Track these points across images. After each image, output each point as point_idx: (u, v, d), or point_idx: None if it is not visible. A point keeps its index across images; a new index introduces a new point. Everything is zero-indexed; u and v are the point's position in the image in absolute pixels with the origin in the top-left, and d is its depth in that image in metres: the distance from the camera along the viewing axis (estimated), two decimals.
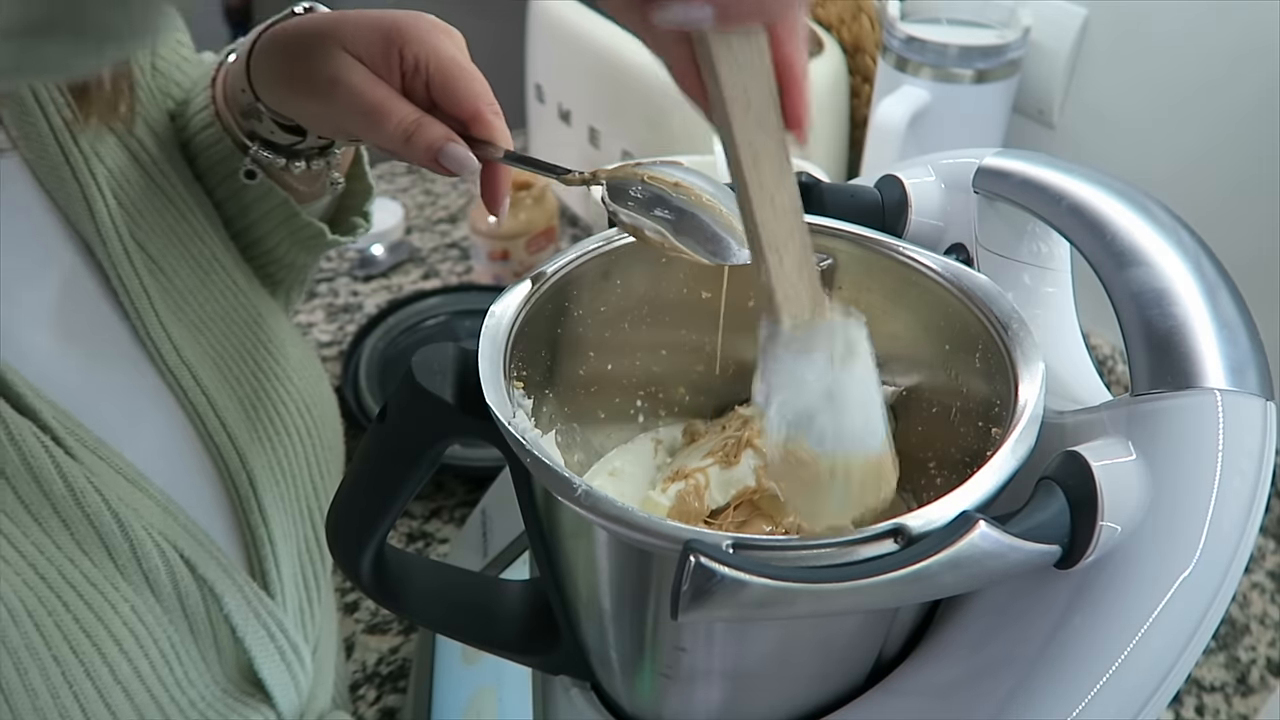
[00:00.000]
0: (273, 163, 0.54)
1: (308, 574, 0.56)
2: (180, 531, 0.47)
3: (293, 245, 0.59)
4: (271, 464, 0.54)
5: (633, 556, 0.37)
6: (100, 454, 0.45)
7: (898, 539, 0.31)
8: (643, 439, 0.51)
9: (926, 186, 0.49)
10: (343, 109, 0.45)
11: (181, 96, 0.57)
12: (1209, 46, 0.82)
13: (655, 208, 0.41)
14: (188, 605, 0.47)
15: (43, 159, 0.47)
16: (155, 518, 0.46)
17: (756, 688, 0.40)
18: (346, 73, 0.44)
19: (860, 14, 1.05)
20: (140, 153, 0.52)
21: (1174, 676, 0.34)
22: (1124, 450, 0.35)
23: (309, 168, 0.55)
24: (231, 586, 0.49)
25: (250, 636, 0.50)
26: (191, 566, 0.47)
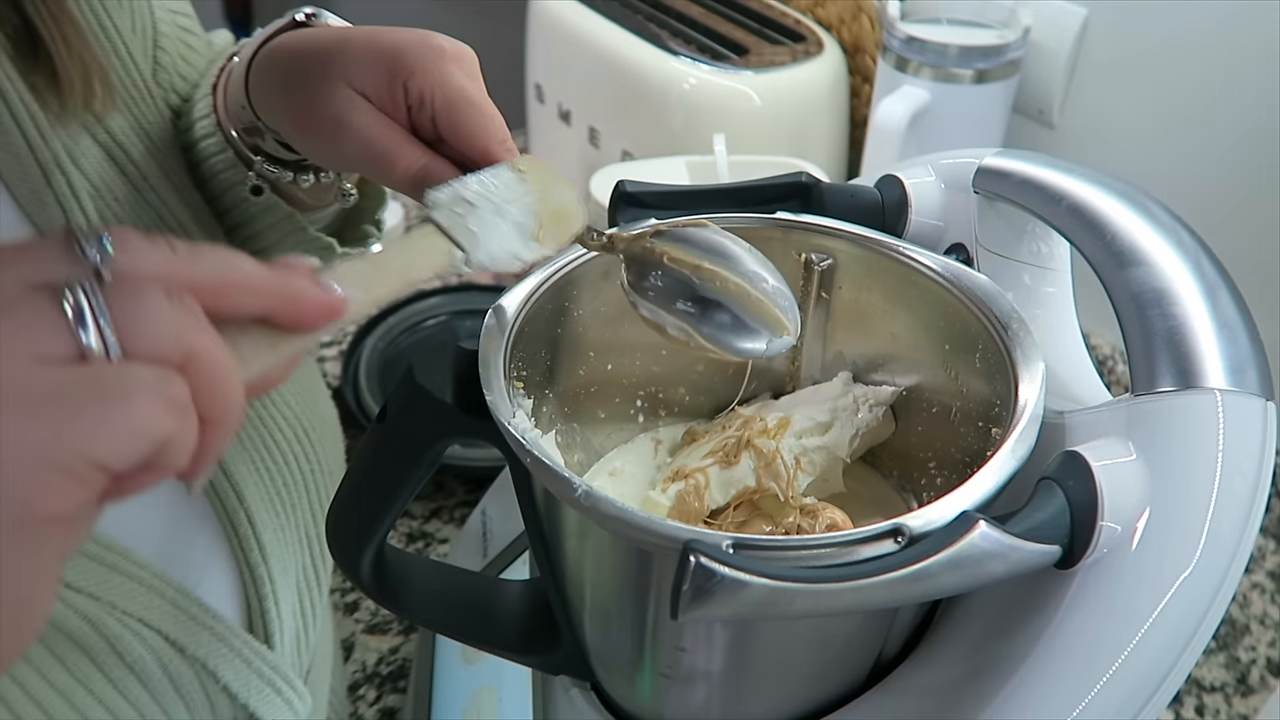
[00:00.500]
0: (279, 177, 0.52)
1: (305, 602, 0.54)
2: (166, 609, 0.45)
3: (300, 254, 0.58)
4: (270, 496, 0.52)
5: (633, 556, 0.37)
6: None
7: (898, 539, 0.31)
8: (643, 439, 0.51)
9: (926, 186, 0.49)
10: (348, 150, 0.43)
11: (187, 90, 0.55)
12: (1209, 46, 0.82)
13: (677, 299, 0.41)
14: (180, 686, 0.45)
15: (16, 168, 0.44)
16: (134, 603, 0.43)
17: (756, 687, 0.40)
18: (351, 113, 0.43)
19: (860, 14, 1.05)
20: (126, 164, 0.49)
21: (1174, 676, 0.34)
22: (1124, 450, 0.35)
23: (318, 180, 0.53)
24: (228, 655, 0.47)
25: (251, 695, 0.48)
26: (180, 648, 0.45)
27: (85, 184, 0.46)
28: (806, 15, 1.09)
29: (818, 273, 0.47)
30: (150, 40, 0.52)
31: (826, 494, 0.47)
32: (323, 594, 0.57)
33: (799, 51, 1.01)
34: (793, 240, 0.47)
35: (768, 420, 0.47)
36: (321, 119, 0.43)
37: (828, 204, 0.48)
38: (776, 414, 0.47)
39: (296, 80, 0.45)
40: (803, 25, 1.06)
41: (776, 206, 0.47)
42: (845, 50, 1.06)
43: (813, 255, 0.47)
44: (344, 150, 0.44)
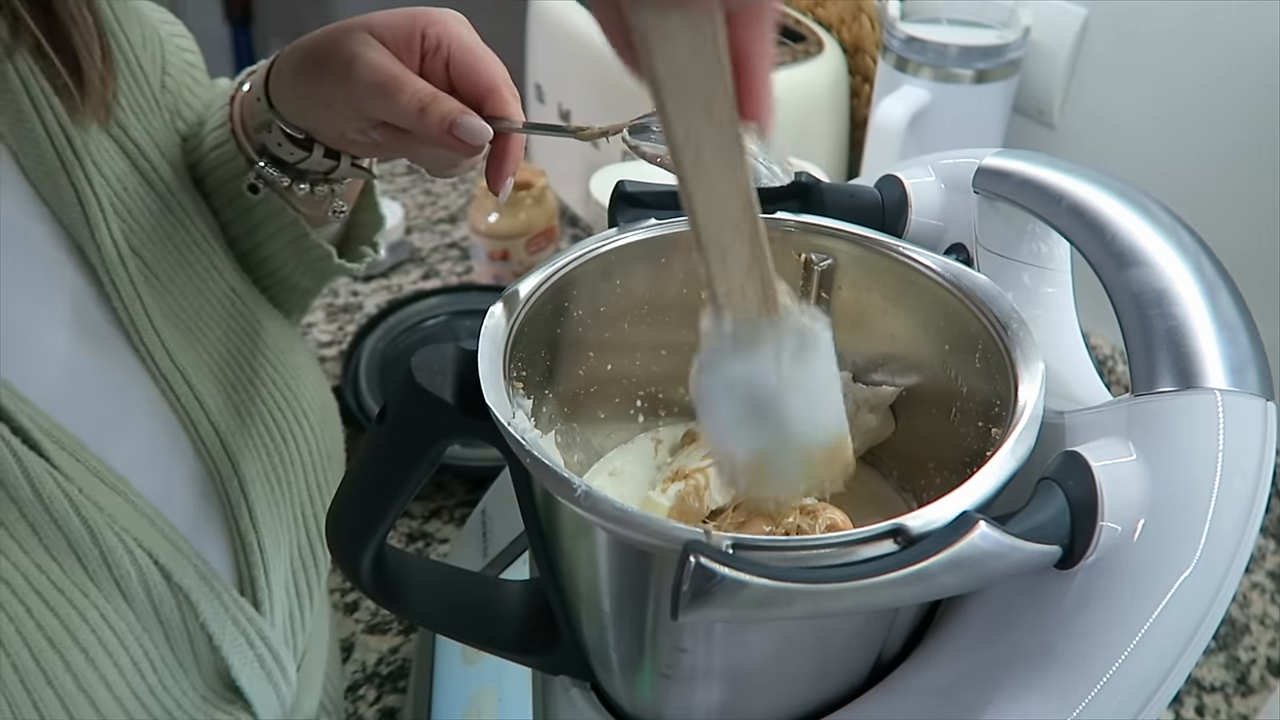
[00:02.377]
0: (277, 180, 0.54)
1: (300, 582, 0.56)
2: (158, 538, 0.47)
3: (299, 266, 0.59)
4: (266, 470, 0.53)
5: (633, 556, 0.37)
6: (79, 457, 0.45)
7: (898, 539, 0.31)
8: (643, 439, 0.51)
9: (926, 186, 0.49)
10: (359, 84, 0.45)
11: (193, 119, 0.57)
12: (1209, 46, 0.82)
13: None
14: (162, 612, 0.46)
15: (39, 164, 0.46)
16: (131, 523, 0.46)
17: (756, 688, 0.40)
18: (366, 49, 0.46)
19: (860, 14, 1.05)
20: (139, 159, 0.52)
21: (1174, 676, 0.34)
22: (1124, 450, 0.35)
23: (313, 191, 0.55)
24: (209, 594, 0.48)
25: (228, 645, 0.49)
26: (166, 574, 0.46)
27: (101, 180, 0.48)
28: (806, 15, 1.09)
29: (818, 273, 0.47)
30: (159, 59, 0.56)
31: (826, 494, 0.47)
32: (320, 580, 0.58)
33: (799, 51, 1.01)
34: (793, 240, 0.47)
35: None
36: (338, 60, 0.46)
37: (828, 204, 0.48)
38: None
39: (321, 40, 0.48)
40: (803, 25, 1.06)
41: (776, 206, 0.47)
42: (845, 50, 1.06)
43: (813, 255, 0.47)
44: (354, 86, 0.46)
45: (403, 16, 0.47)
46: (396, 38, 0.47)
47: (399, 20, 0.47)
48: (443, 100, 0.45)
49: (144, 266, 0.50)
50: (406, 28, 0.47)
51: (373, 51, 0.46)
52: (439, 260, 1.14)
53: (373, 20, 0.47)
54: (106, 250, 0.48)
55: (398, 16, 0.47)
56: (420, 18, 0.47)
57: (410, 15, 0.47)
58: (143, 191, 0.51)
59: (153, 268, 0.51)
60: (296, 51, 0.50)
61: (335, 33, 0.48)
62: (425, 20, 0.47)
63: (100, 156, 0.49)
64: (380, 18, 0.47)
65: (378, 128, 0.48)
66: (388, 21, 0.47)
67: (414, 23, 0.47)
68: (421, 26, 0.46)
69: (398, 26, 0.47)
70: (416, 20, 0.47)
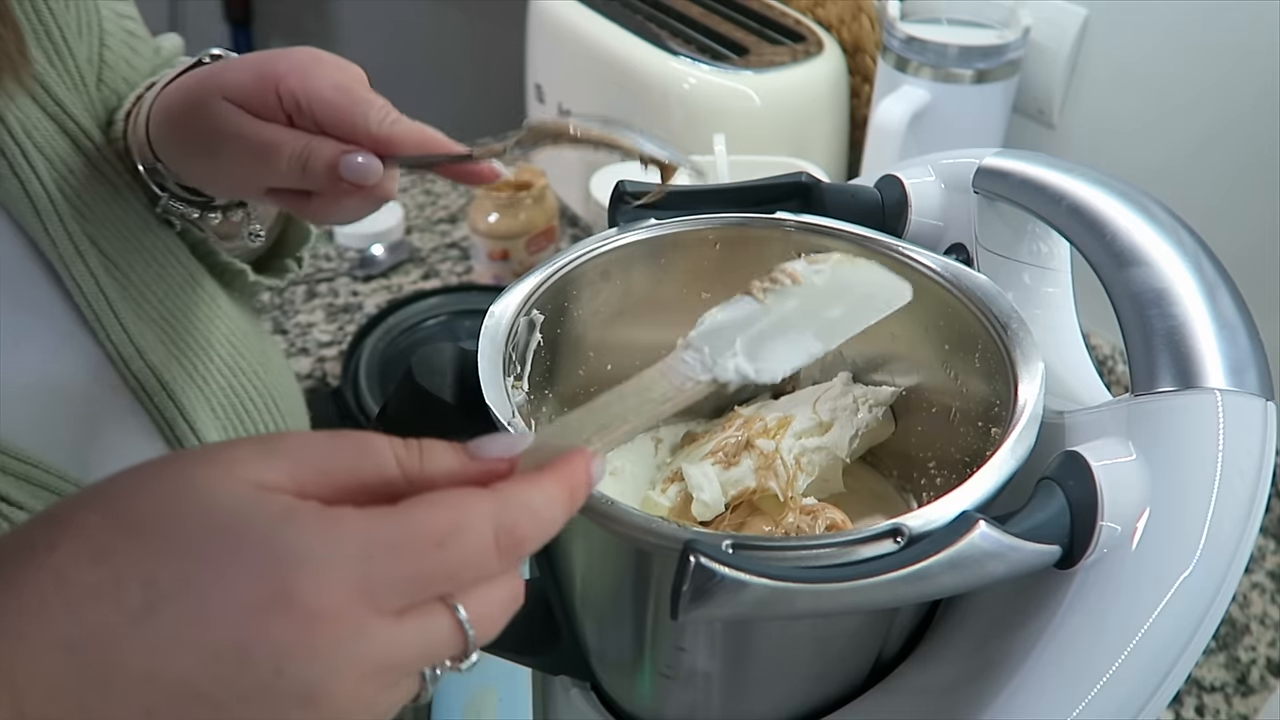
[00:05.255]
0: (185, 213, 0.51)
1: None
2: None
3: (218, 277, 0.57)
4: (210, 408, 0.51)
5: (633, 556, 0.37)
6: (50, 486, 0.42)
7: (898, 539, 0.31)
8: (642, 439, 0.51)
9: (926, 186, 0.49)
10: (233, 157, 0.43)
11: (127, 92, 0.54)
12: (1209, 46, 0.82)
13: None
14: None
15: None
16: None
17: (756, 687, 0.40)
18: (229, 120, 0.43)
19: (860, 14, 1.05)
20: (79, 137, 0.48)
21: (1174, 676, 0.34)
22: (1124, 450, 0.35)
23: (225, 217, 0.52)
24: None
25: None
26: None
27: (38, 154, 0.45)
28: (806, 15, 1.09)
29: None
30: (96, 39, 0.52)
31: (826, 494, 0.47)
32: None
33: (799, 51, 1.01)
34: (793, 240, 0.47)
35: (767, 420, 0.47)
36: (203, 135, 0.44)
37: (828, 204, 0.48)
38: (776, 414, 0.47)
39: (180, 109, 0.45)
40: (803, 25, 1.06)
41: (776, 206, 0.47)
42: (845, 50, 1.06)
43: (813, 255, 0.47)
44: (225, 157, 0.43)
45: (254, 78, 0.43)
46: (249, 98, 0.43)
47: (250, 83, 0.43)
48: (320, 148, 0.41)
49: (103, 257, 0.48)
50: (257, 86, 0.43)
51: (234, 119, 0.43)
52: (439, 260, 1.14)
53: (227, 82, 0.43)
54: (61, 243, 0.45)
55: (249, 78, 0.43)
56: (269, 73, 0.42)
57: (258, 73, 0.43)
58: (88, 173, 0.49)
59: (112, 258, 0.48)
60: (164, 122, 0.47)
61: (192, 106, 0.44)
62: (275, 76, 0.42)
63: (36, 133, 0.46)
64: (235, 79, 0.43)
65: (269, 194, 0.45)
66: (240, 84, 0.43)
67: (263, 80, 0.42)
68: (274, 84, 0.42)
69: (248, 85, 0.43)
70: (266, 77, 0.42)
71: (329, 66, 0.43)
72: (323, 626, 0.24)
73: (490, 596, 0.28)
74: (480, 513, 0.27)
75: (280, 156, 0.42)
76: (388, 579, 0.25)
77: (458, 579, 0.27)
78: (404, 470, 0.28)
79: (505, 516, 0.27)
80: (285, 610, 0.24)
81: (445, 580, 0.26)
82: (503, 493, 0.28)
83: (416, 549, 0.26)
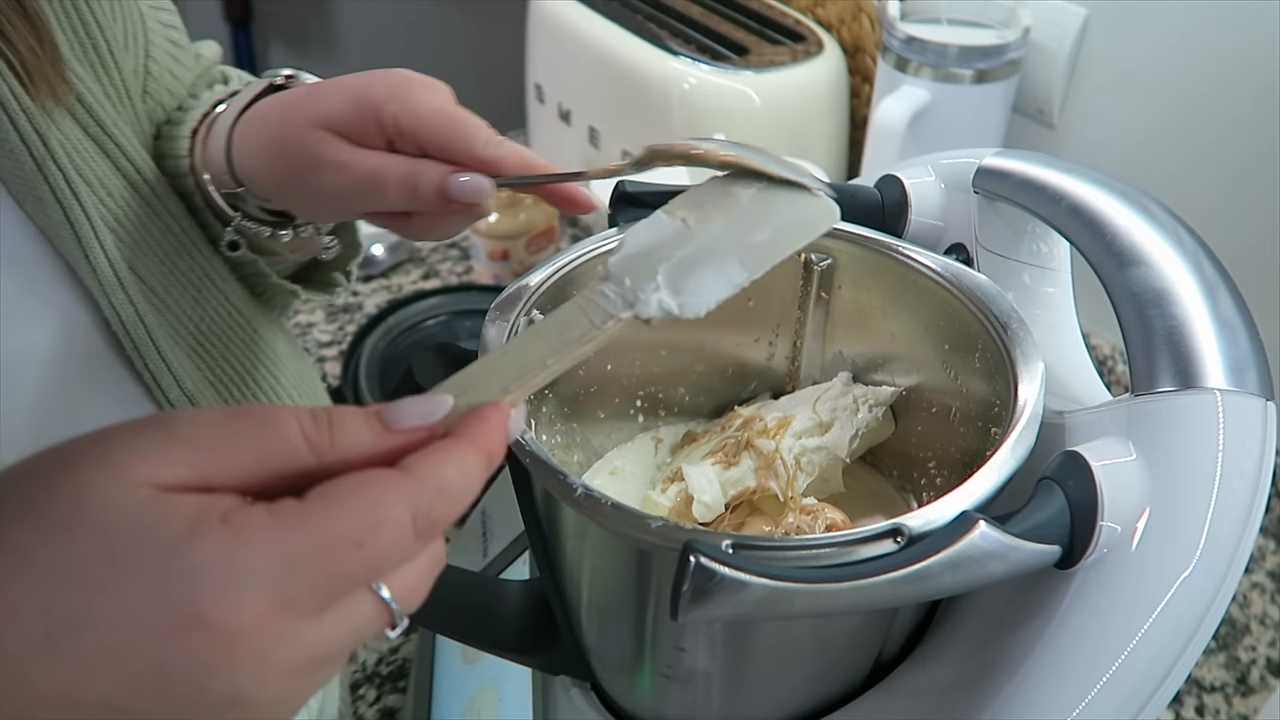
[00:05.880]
0: (258, 233, 0.51)
1: None
2: None
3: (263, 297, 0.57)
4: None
5: (633, 556, 0.37)
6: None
7: (897, 539, 0.31)
8: (643, 438, 0.51)
9: (926, 186, 0.49)
10: (336, 185, 0.43)
11: (172, 105, 0.54)
12: (1209, 47, 0.82)
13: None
14: None
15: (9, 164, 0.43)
16: None
17: (756, 688, 0.40)
18: (329, 150, 0.42)
19: (860, 14, 1.05)
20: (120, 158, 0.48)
21: (1174, 676, 0.34)
22: (1124, 450, 0.35)
23: (296, 234, 0.52)
24: None
25: None
26: None
27: (80, 179, 0.45)
28: (806, 15, 1.09)
29: (818, 273, 0.47)
30: (142, 51, 0.52)
31: (826, 494, 0.47)
32: None
33: (799, 51, 1.01)
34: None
35: (767, 420, 0.47)
36: (300, 165, 0.43)
37: None
38: (776, 414, 0.47)
39: (274, 143, 0.45)
40: (803, 25, 1.06)
41: None
42: (845, 50, 1.06)
43: (813, 255, 0.47)
44: (327, 186, 0.43)
45: (351, 106, 0.42)
46: (351, 127, 0.42)
47: (348, 111, 0.42)
48: (427, 170, 0.41)
49: (141, 283, 0.47)
50: (356, 115, 0.42)
51: (335, 150, 0.42)
52: (439, 260, 1.14)
53: (322, 112, 0.43)
54: (102, 271, 0.45)
55: (346, 106, 0.42)
56: (369, 100, 0.42)
57: (356, 100, 0.42)
58: (129, 196, 0.48)
59: (150, 283, 0.48)
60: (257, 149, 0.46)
61: (285, 139, 0.44)
62: (375, 103, 0.42)
63: (77, 155, 0.45)
64: (329, 108, 0.43)
65: (369, 217, 0.45)
66: (338, 113, 0.43)
67: (363, 108, 0.42)
68: (374, 111, 0.42)
69: (348, 114, 0.42)
70: (366, 105, 0.42)
71: (424, 88, 0.43)
72: (242, 643, 0.23)
73: (412, 571, 0.27)
74: (397, 502, 0.26)
75: (387, 183, 0.42)
76: (307, 587, 0.24)
77: (379, 570, 0.26)
78: (314, 450, 0.27)
79: (422, 501, 0.26)
80: (200, 631, 0.23)
81: (366, 575, 0.26)
82: (417, 474, 0.27)
83: (335, 553, 0.25)
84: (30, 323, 0.44)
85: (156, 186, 0.50)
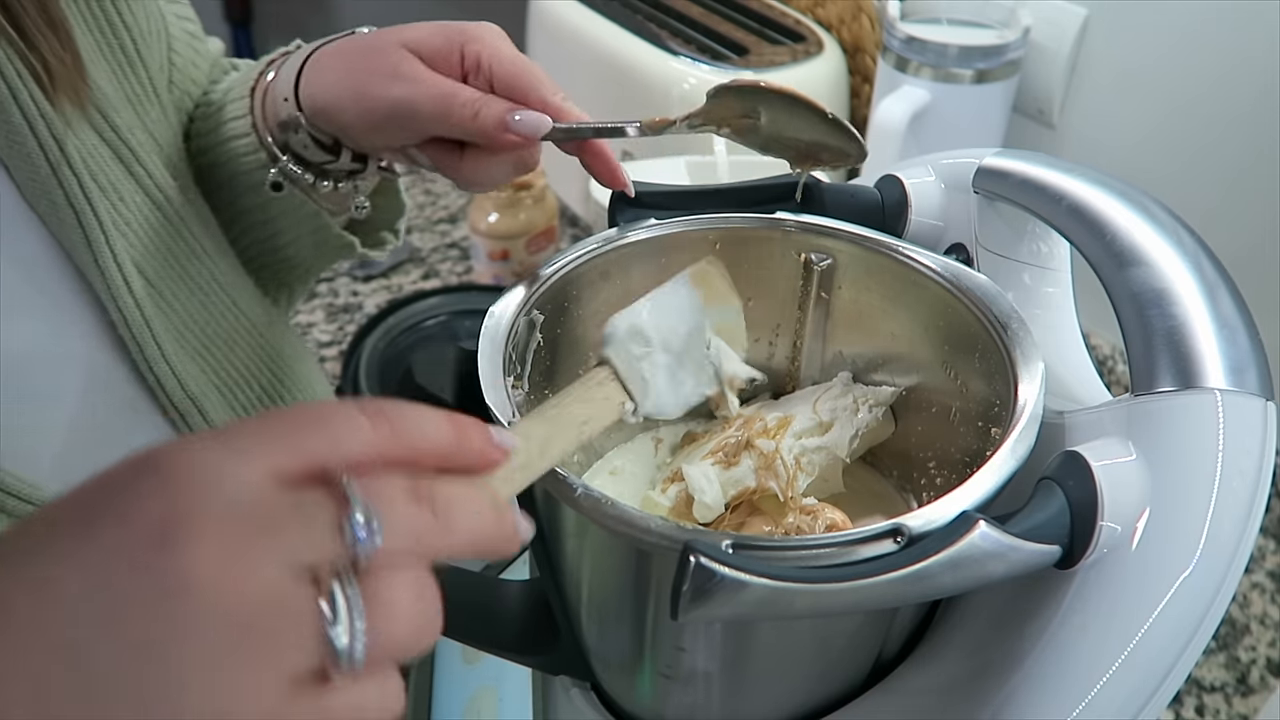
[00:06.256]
0: (300, 178, 0.53)
1: None
2: None
3: (316, 253, 0.58)
4: None
5: (633, 556, 0.37)
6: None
7: (897, 539, 0.31)
8: (643, 438, 0.51)
9: (926, 186, 0.49)
10: (405, 102, 0.45)
11: (198, 95, 0.56)
12: (1209, 47, 0.82)
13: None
14: None
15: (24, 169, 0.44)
16: None
17: (756, 687, 0.40)
18: (409, 65, 0.45)
19: (860, 14, 1.05)
20: (133, 164, 0.49)
21: (1174, 676, 0.34)
22: (1124, 450, 0.35)
23: (336, 188, 0.54)
24: None
25: None
26: None
27: (94, 184, 0.46)
28: (806, 15, 1.09)
29: (818, 273, 0.47)
30: (165, 44, 0.53)
31: (826, 494, 0.47)
32: None
33: (799, 51, 1.01)
34: (793, 240, 0.47)
35: (767, 420, 0.47)
36: (377, 74, 0.45)
37: (828, 204, 0.48)
38: (776, 414, 0.47)
39: (357, 54, 0.47)
40: (803, 25, 1.06)
41: (776, 206, 0.47)
42: (845, 50, 1.06)
43: (813, 255, 0.47)
44: (396, 102, 0.45)
45: (439, 35, 0.46)
46: (435, 54, 0.45)
47: (436, 39, 0.46)
48: (493, 102, 0.44)
49: (149, 286, 0.48)
50: (445, 46, 0.45)
51: (415, 67, 0.45)
52: (439, 260, 1.14)
53: (407, 36, 0.46)
54: (110, 273, 0.46)
55: (434, 34, 0.46)
56: (457, 36, 0.45)
57: (446, 34, 0.46)
58: (137, 197, 0.49)
59: (158, 286, 0.49)
60: (335, 63, 0.48)
61: (370, 51, 0.46)
62: (463, 38, 0.45)
63: (92, 161, 0.46)
64: (416, 34, 0.46)
65: (426, 145, 0.47)
66: (424, 38, 0.46)
67: (451, 41, 0.45)
68: (460, 45, 0.45)
69: (436, 44, 0.45)
70: (453, 39, 0.45)
71: (506, 41, 0.46)
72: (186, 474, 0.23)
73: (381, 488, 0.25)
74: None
75: (454, 103, 0.44)
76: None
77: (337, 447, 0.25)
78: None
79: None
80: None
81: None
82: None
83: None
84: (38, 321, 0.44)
85: (169, 192, 0.51)
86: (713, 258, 0.43)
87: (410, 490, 0.25)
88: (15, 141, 0.43)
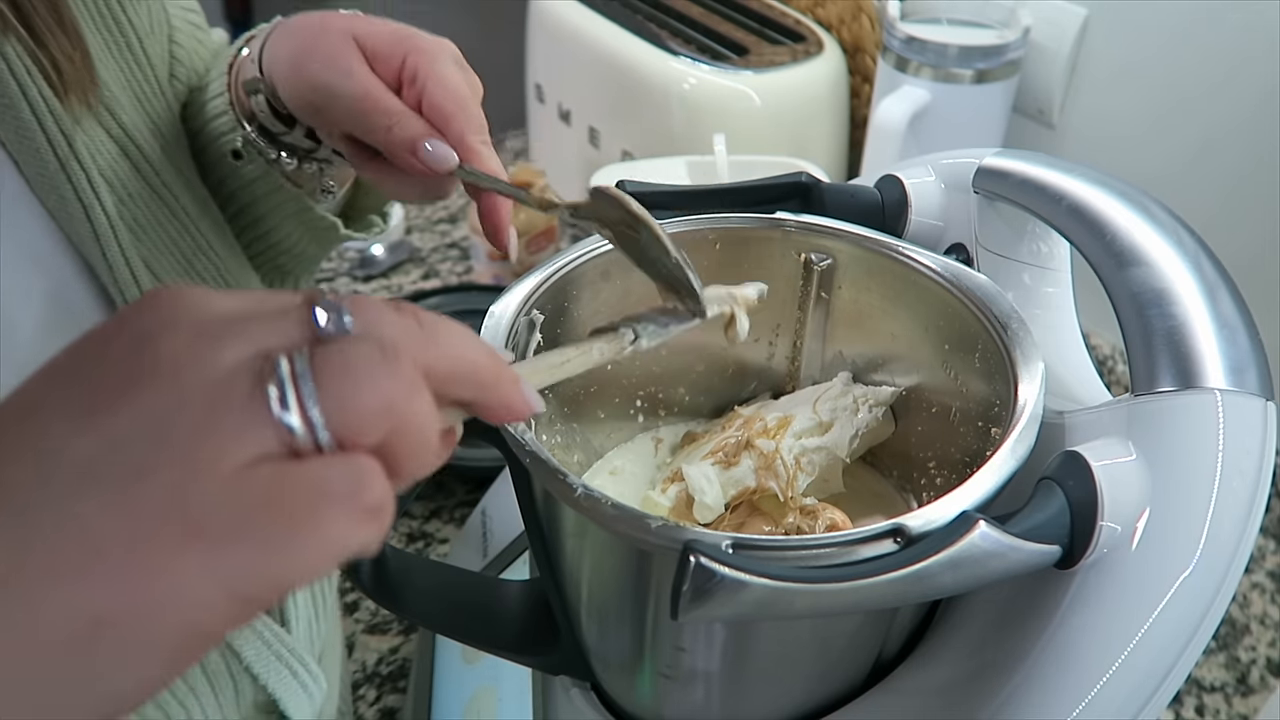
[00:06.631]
0: (265, 150, 0.53)
1: (316, 589, 0.55)
2: None
3: (305, 237, 0.58)
4: None
5: (633, 556, 0.37)
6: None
7: (898, 539, 0.31)
8: (643, 438, 0.51)
9: (926, 186, 0.49)
10: (335, 93, 0.44)
11: (196, 83, 0.56)
12: (1209, 47, 0.82)
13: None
14: (208, 669, 0.45)
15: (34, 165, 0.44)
16: None
17: (756, 688, 0.40)
18: (347, 57, 0.44)
19: (860, 14, 1.05)
20: (139, 159, 0.50)
21: (1174, 676, 0.34)
22: (1124, 450, 0.35)
23: (300, 167, 0.54)
24: (250, 636, 0.47)
25: (271, 677, 0.49)
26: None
27: (101, 180, 0.46)
28: (806, 15, 1.09)
29: (817, 273, 0.47)
30: (166, 37, 0.54)
31: (826, 494, 0.47)
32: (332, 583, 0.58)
33: (799, 51, 1.01)
34: (793, 240, 0.47)
35: (767, 420, 0.47)
36: (319, 59, 0.45)
37: (828, 204, 0.48)
38: (776, 414, 0.47)
39: (308, 32, 0.46)
40: (803, 25, 1.06)
41: (776, 206, 0.47)
42: (845, 50, 1.06)
43: (813, 255, 0.47)
44: (332, 88, 0.44)
45: (390, 36, 0.44)
46: (378, 54, 0.44)
47: (385, 38, 0.44)
48: (412, 122, 0.43)
49: (156, 281, 0.48)
50: (389, 49, 0.44)
51: (351, 60, 0.44)
52: (439, 260, 1.14)
53: (360, 28, 0.45)
54: (118, 268, 0.46)
55: (385, 34, 0.45)
56: (405, 42, 0.44)
57: (398, 36, 0.44)
58: (143, 191, 0.49)
59: (164, 280, 0.49)
60: (290, 34, 0.48)
61: (324, 30, 0.46)
62: (409, 47, 0.44)
63: (99, 156, 0.47)
64: (370, 28, 0.45)
65: (344, 140, 0.47)
66: (375, 34, 0.45)
67: (397, 46, 0.44)
68: (404, 53, 0.44)
69: (382, 44, 0.44)
70: (401, 44, 0.44)
71: (459, 66, 0.45)
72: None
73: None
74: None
75: (376, 109, 0.43)
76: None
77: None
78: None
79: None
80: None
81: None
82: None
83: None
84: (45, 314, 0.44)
85: (174, 188, 0.51)
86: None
87: (395, 306, 0.25)
88: (25, 137, 0.43)
